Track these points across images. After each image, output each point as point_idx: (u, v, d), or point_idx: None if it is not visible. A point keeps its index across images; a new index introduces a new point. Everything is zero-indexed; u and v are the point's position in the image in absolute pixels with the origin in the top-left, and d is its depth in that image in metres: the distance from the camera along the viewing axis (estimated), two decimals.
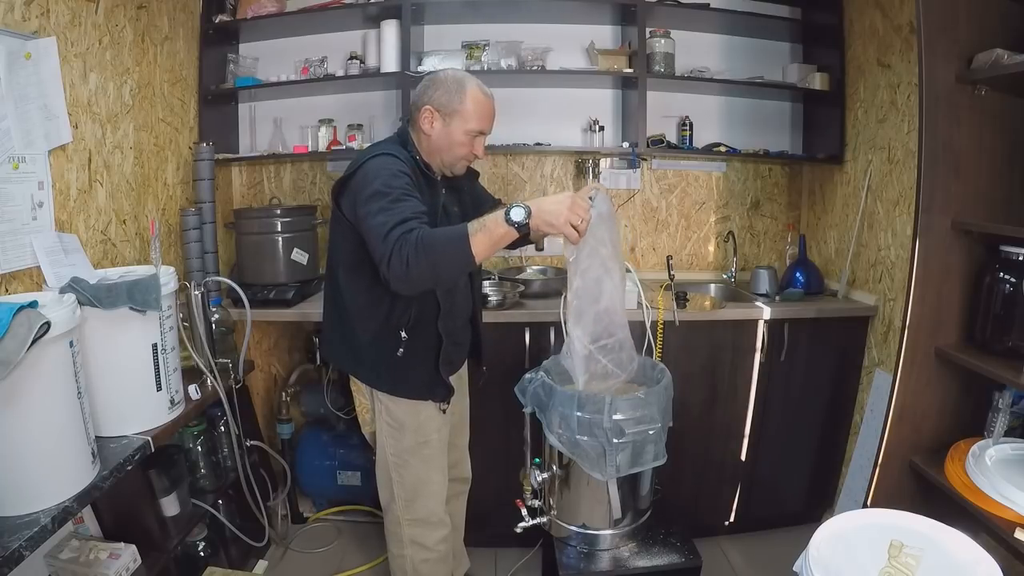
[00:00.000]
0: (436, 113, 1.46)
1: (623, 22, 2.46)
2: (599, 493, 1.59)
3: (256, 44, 2.51)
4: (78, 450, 1.20)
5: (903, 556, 1.07)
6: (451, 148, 1.48)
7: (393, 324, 1.49)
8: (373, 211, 1.29)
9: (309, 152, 2.44)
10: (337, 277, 1.54)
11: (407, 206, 1.29)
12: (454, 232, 1.25)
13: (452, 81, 1.46)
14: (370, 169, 1.36)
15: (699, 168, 2.67)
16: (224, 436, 2.00)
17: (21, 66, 1.44)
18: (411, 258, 1.20)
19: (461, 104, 1.45)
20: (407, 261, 1.21)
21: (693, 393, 2.12)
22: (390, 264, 1.22)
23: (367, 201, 1.32)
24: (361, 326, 1.52)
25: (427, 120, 1.47)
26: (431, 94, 1.47)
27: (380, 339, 1.51)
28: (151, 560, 1.55)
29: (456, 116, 1.46)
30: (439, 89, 1.46)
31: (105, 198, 1.77)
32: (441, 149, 1.49)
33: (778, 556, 1.84)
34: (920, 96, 1.49)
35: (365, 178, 1.35)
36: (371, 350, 1.53)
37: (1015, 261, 1.43)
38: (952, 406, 1.60)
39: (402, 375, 1.54)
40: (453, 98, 1.45)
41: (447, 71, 1.52)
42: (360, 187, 1.36)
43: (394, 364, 1.52)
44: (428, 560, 1.66)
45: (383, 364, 1.53)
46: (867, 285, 2.23)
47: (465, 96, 1.45)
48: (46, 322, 1.06)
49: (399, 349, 1.50)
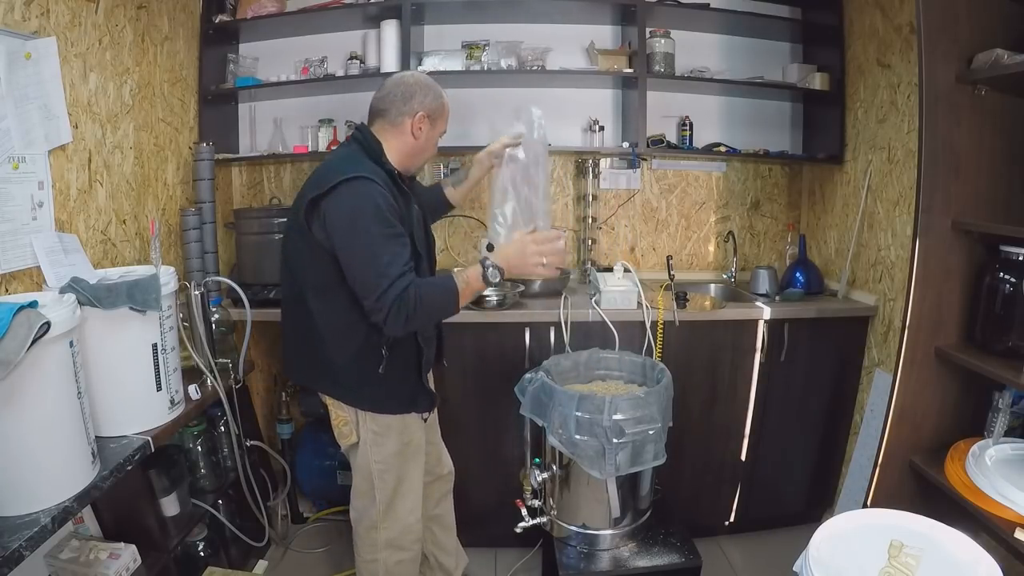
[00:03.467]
0: (427, 119, 1.48)
1: (623, 22, 2.46)
2: (599, 493, 1.59)
3: (256, 44, 2.51)
4: (78, 450, 1.20)
5: (903, 556, 1.07)
6: (429, 150, 1.53)
7: (373, 343, 1.44)
8: (360, 255, 1.30)
9: (309, 152, 2.44)
10: (305, 299, 1.44)
11: (397, 254, 1.31)
12: (446, 290, 1.35)
13: (431, 84, 1.50)
14: (349, 200, 1.32)
15: (699, 168, 2.67)
16: (224, 436, 2.00)
17: (21, 66, 1.44)
18: (410, 316, 1.30)
19: (442, 107, 1.51)
20: (406, 318, 1.30)
21: (693, 393, 2.12)
22: (387, 319, 1.30)
23: (349, 237, 1.31)
24: (337, 349, 1.45)
25: (419, 126, 1.47)
26: (421, 99, 1.46)
27: (359, 359, 1.46)
28: (151, 560, 1.55)
29: (439, 119, 1.52)
30: (428, 94, 1.48)
31: (105, 198, 1.77)
32: (423, 151, 1.52)
33: (778, 556, 1.84)
34: (920, 96, 1.49)
35: (343, 209, 1.31)
36: (350, 371, 1.47)
37: (1015, 261, 1.43)
38: (952, 406, 1.60)
39: (386, 391, 1.49)
40: (436, 103, 1.49)
41: (413, 74, 1.52)
42: (337, 218, 1.32)
43: (376, 381, 1.46)
44: (403, 561, 1.63)
45: (365, 383, 1.47)
46: (867, 285, 2.23)
47: (443, 99, 1.51)
48: (46, 322, 1.06)
49: (380, 366, 1.45)
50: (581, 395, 1.51)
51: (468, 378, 2.08)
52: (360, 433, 1.53)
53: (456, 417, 1.92)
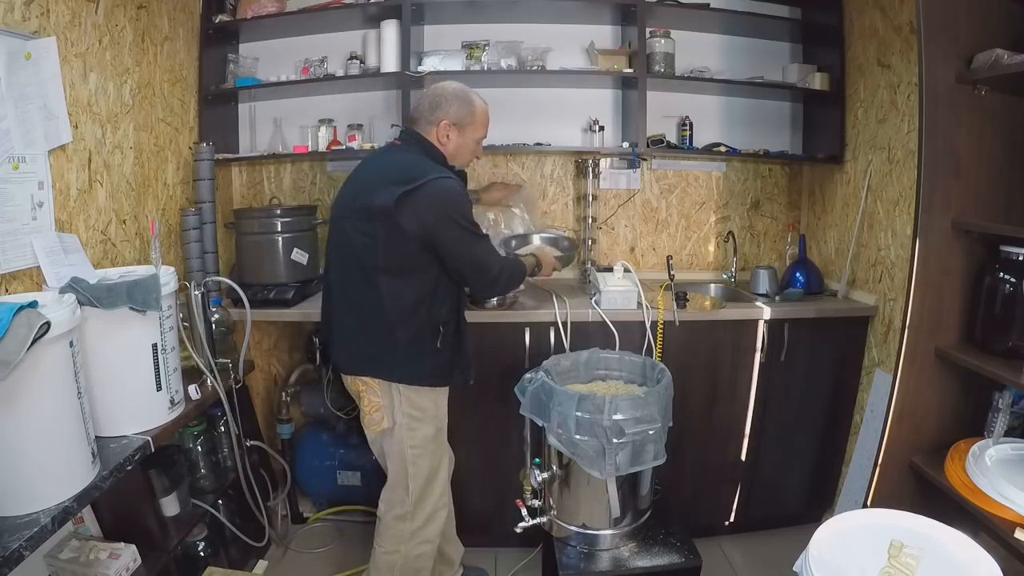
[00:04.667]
0: (453, 127, 1.63)
1: (623, 22, 2.46)
2: (599, 493, 1.59)
3: (256, 44, 2.51)
4: (78, 450, 1.20)
5: (903, 556, 1.07)
6: (463, 155, 1.69)
7: (434, 320, 1.60)
8: (466, 242, 1.55)
9: (309, 152, 2.43)
10: (376, 283, 1.56)
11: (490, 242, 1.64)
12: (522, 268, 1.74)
13: (461, 94, 1.64)
14: (445, 196, 1.52)
15: (699, 168, 2.67)
16: (224, 436, 2.00)
17: (21, 66, 1.44)
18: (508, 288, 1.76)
19: (472, 116, 1.64)
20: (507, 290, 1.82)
21: (693, 393, 2.12)
22: (496, 291, 1.81)
23: (452, 228, 1.52)
24: (402, 328, 1.57)
25: (444, 133, 1.63)
26: (446, 109, 1.62)
27: (420, 337, 1.59)
28: (151, 560, 1.55)
29: (469, 127, 1.65)
30: (453, 104, 1.62)
31: (105, 198, 1.77)
32: (455, 157, 1.67)
33: (778, 556, 1.84)
34: (920, 96, 1.49)
35: (441, 203, 1.51)
36: (410, 349, 1.60)
37: (1015, 261, 1.43)
38: (952, 406, 1.60)
39: (445, 365, 1.65)
40: (464, 110, 1.63)
41: (447, 84, 1.67)
42: (436, 210, 1.50)
43: (435, 356, 1.62)
44: (423, 555, 1.70)
45: (424, 360, 1.61)
46: (867, 285, 2.23)
47: (474, 107, 1.65)
48: (46, 322, 1.06)
49: (437, 341, 1.61)
50: (581, 395, 1.51)
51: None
52: (396, 418, 1.63)
53: (456, 417, 1.91)
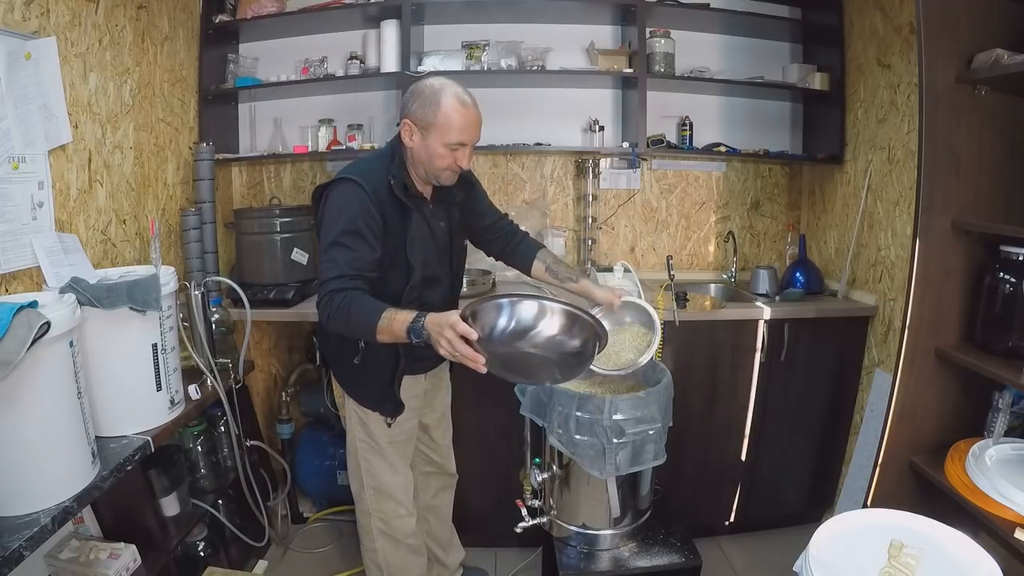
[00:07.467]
0: (414, 126, 1.42)
1: (623, 22, 2.46)
2: (599, 493, 1.59)
3: (256, 44, 2.51)
4: (78, 450, 1.20)
5: (903, 556, 1.07)
6: (431, 160, 1.43)
7: None
8: (324, 245, 1.40)
9: (309, 152, 2.44)
10: None
11: (352, 257, 1.36)
12: (368, 317, 1.31)
13: (429, 92, 1.41)
14: (336, 198, 1.41)
15: (699, 168, 2.67)
16: (224, 436, 2.00)
17: (21, 66, 1.44)
18: (330, 317, 1.34)
19: (435, 117, 1.39)
20: (328, 317, 1.34)
21: (693, 393, 2.12)
22: (318, 306, 1.37)
23: (325, 230, 1.41)
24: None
25: (407, 133, 1.44)
26: (410, 107, 1.42)
27: (341, 343, 1.53)
28: (151, 560, 1.55)
29: (432, 129, 1.40)
30: (416, 101, 1.41)
31: (105, 198, 1.77)
32: (422, 161, 1.45)
33: (778, 556, 1.84)
34: (920, 96, 1.48)
35: (329, 205, 1.42)
36: (335, 350, 1.60)
37: (1015, 261, 1.43)
38: (952, 406, 1.60)
39: (358, 381, 1.58)
40: (428, 111, 1.40)
41: (428, 80, 1.44)
42: (322, 212, 1.44)
43: (351, 369, 1.54)
44: (400, 554, 1.69)
45: (344, 366, 1.58)
46: (867, 285, 2.23)
47: (439, 109, 1.39)
48: (46, 322, 1.06)
49: (356, 357, 1.52)
50: (581, 395, 1.51)
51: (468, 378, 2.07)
52: (348, 407, 1.63)
53: (456, 417, 1.92)
